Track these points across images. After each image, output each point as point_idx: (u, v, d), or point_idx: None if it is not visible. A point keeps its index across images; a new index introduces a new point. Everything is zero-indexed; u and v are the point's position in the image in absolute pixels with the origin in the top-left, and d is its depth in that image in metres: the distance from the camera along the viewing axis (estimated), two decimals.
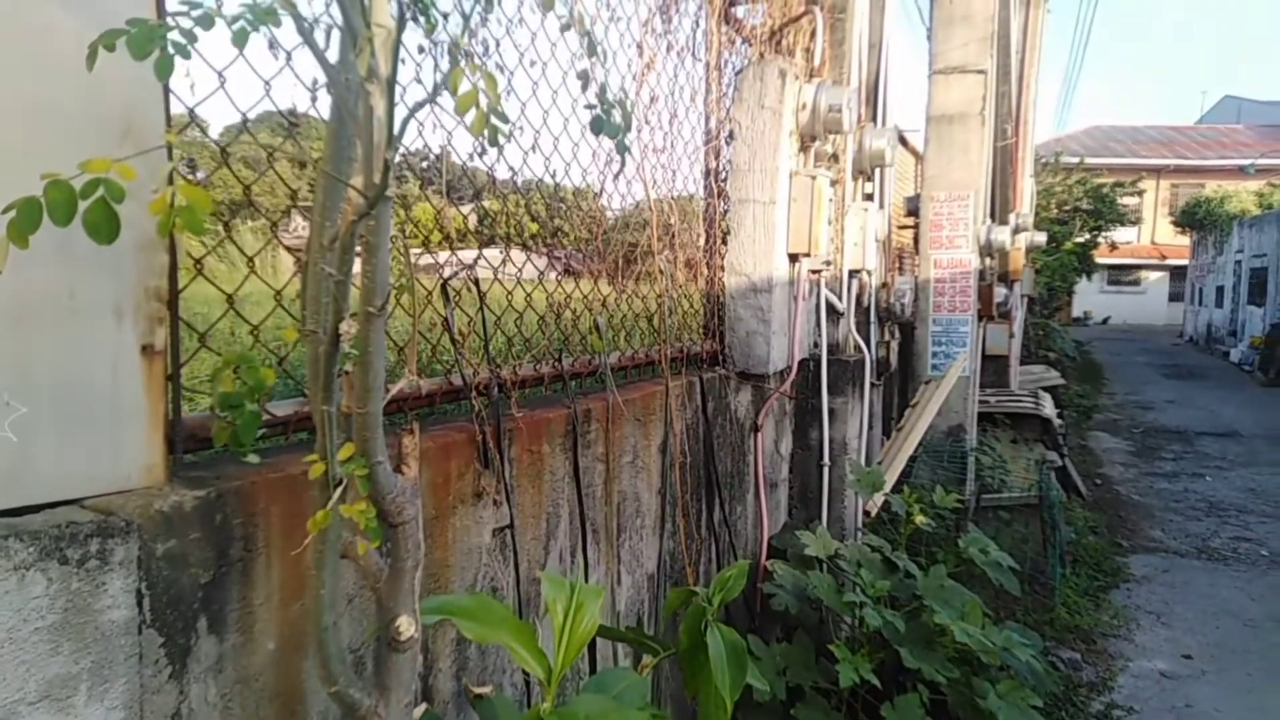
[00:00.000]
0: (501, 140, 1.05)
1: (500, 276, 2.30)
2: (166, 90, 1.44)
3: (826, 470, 4.24)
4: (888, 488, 4.46)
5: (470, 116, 0.99)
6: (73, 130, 1.27)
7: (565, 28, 1.49)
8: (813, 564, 3.44)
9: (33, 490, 1.24)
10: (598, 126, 1.25)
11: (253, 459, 1.12)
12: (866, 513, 4.72)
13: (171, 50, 0.85)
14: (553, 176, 2.45)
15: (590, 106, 1.29)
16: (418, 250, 2.31)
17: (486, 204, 2.57)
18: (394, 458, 1.23)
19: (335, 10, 0.91)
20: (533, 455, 2.32)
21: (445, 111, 1.96)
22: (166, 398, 1.43)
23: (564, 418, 2.44)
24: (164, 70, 0.87)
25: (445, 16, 1.16)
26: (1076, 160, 23.07)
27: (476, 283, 2.12)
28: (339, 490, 1.03)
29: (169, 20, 0.88)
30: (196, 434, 1.52)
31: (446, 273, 2.06)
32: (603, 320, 2.69)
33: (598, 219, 2.83)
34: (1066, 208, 21.70)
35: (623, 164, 1.46)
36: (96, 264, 1.33)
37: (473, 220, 2.55)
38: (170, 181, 0.93)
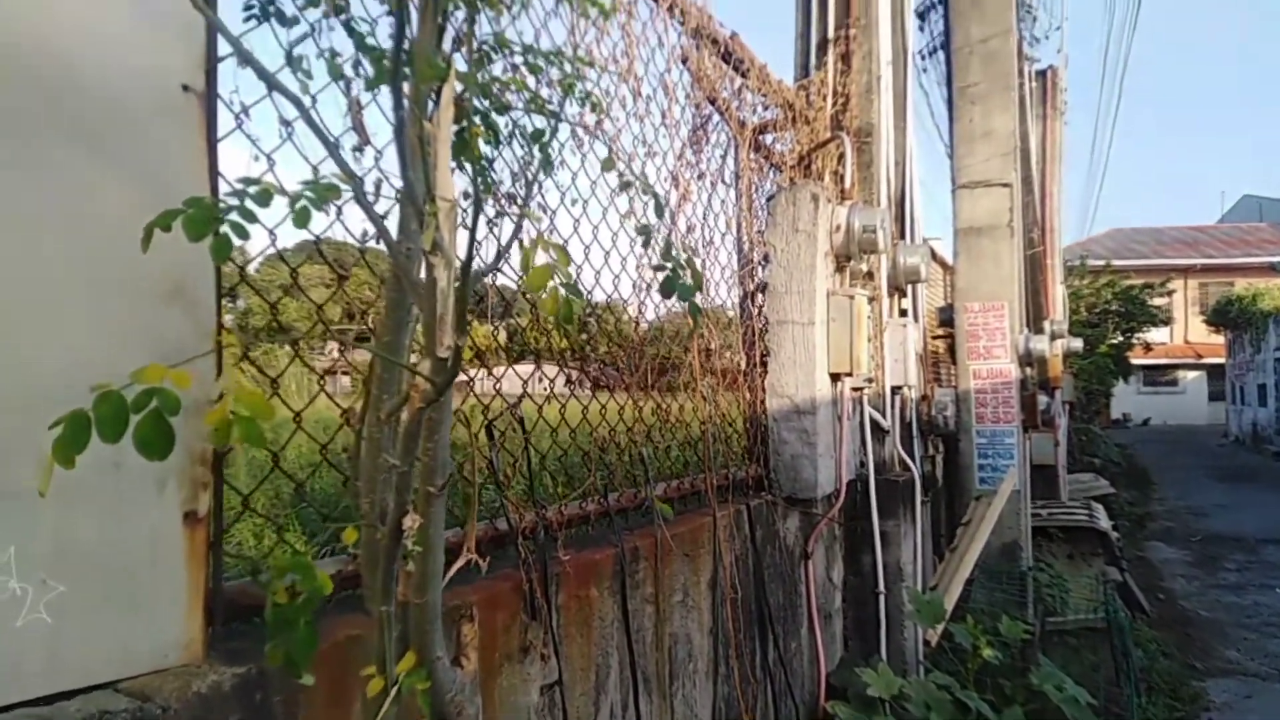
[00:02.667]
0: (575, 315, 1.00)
1: (542, 410, 2.25)
2: None
3: (882, 598, 4.03)
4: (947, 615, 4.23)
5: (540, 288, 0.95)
6: (120, 289, 1.25)
7: (625, 185, 1.47)
8: (876, 705, 3.21)
9: (67, 675, 1.16)
10: (669, 289, 1.21)
11: (308, 680, 1.03)
12: (926, 642, 4.46)
13: (227, 230, 0.82)
14: (594, 308, 2.43)
15: (659, 267, 1.25)
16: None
17: (519, 320, 2.55)
18: (451, 647, 1.14)
19: (391, 177, 0.89)
20: (581, 601, 2.20)
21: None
22: (208, 567, 1.36)
23: (611, 558, 2.33)
24: (221, 253, 0.84)
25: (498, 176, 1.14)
26: (1102, 263, 23.13)
27: (521, 421, 2.06)
28: (393, 694, 0.94)
29: (226, 200, 0.85)
30: (238, 601, 1.45)
31: (490, 411, 2.00)
32: (647, 451, 2.61)
33: (636, 340, 2.80)
34: (1096, 310, 21.62)
35: (696, 325, 1.41)
36: None
37: (503, 337, 2.53)
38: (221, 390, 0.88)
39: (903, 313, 4.78)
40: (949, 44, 7.41)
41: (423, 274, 0.90)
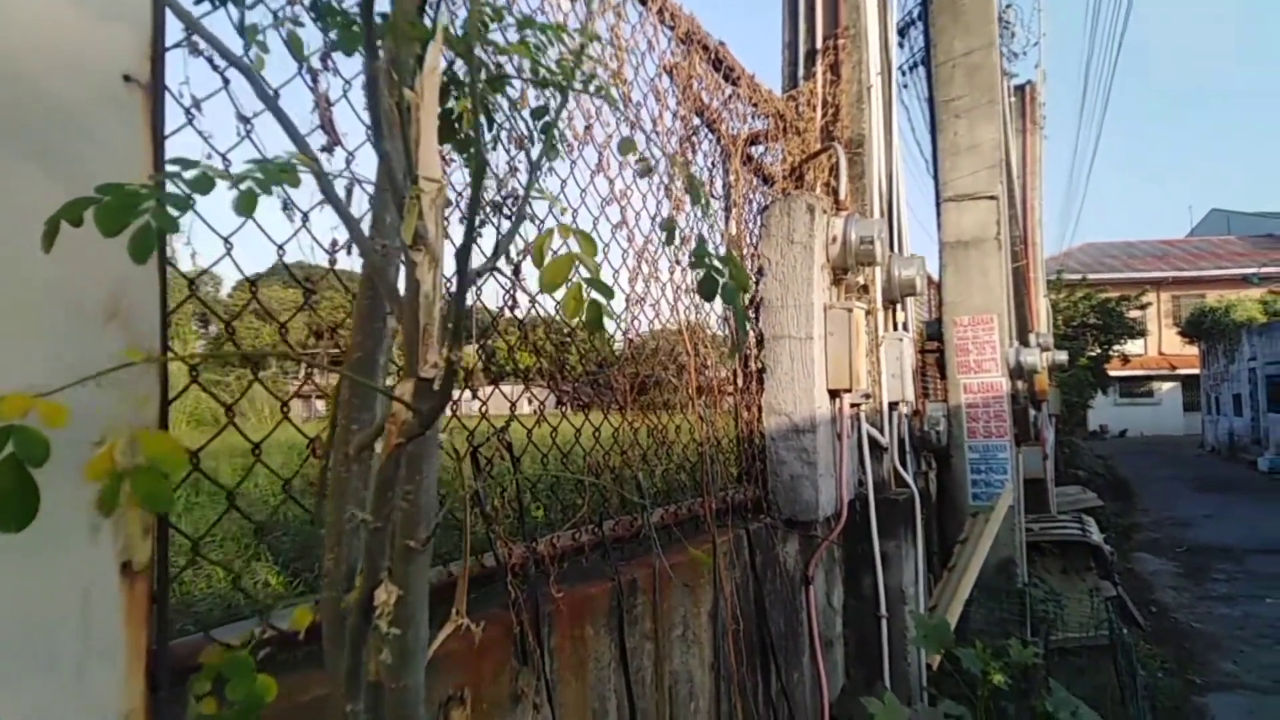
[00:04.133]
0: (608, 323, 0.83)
1: (531, 434, 2.08)
2: (163, 260, 1.26)
3: (885, 622, 3.87)
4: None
5: (560, 292, 0.78)
6: (47, 304, 1.08)
7: (647, 171, 1.31)
8: None
9: None
10: (710, 290, 1.04)
11: None
12: (929, 665, 4.30)
13: (154, 225, 0.65)
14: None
15: (694, 265, 1.08)
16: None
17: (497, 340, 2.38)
18: None
19: (365, 182, 0.73)
20: (575, 642, 2.02)
21: None
22: (150, 625, 1.18)
23: (608, 592, 2.16)
24: (142, 251, 0.67)
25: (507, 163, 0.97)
26: (1079, 277, 23.30)
27: (509, 447, 1.89)
28: None
29: (150, 188, 0.68)
30: (188, 662, 1.26)
31: (474, 436, 1.83)
32: (644, 476, 2.44)
33: (626, 357, 2.64)
34: (1074, 323, 21.73)
35: (743, 339, 1.24)
36: (70, 466, 1.11)
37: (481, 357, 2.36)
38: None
39: (897, 326, 4.65)
40: (930, 59, 7.36)
41: (402, 278, 0.73)
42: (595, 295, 0.80)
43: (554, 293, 0.77)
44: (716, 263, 0.99)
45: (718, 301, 3.02)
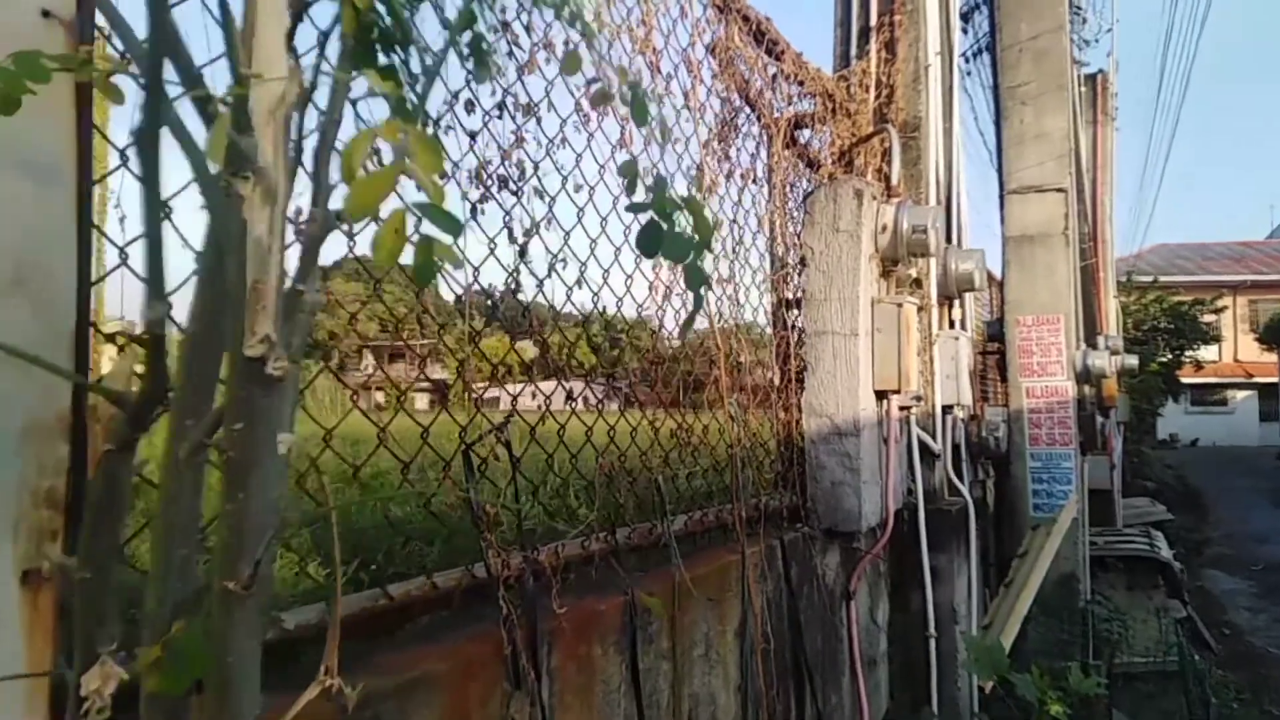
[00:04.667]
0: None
1: (535, 431, 1.89)
2: (86, 221, 1.10)
3: (933, 642, 3.60)
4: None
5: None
6: None
7: (604, 98, 1.11)
8: None
9: None
10: (651, 242, 0.83)
11: None
12: (981, 689, 4.02)
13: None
14: (601, 310, 2.07)
15: (637, 207, 0.87)
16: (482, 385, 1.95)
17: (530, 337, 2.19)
18: None
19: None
20: (580, 662, 1.83)
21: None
22: (57, 642, 1.02)
23: (619, 607, 1.96)
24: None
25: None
26: (1150, 279, 22.35)
27: (509, 445, 1.71)
28: None
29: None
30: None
31: (474, 431, 1.65)
32: (663, 479, 2.24)
33: (656, 354, 2.44)
34: (1145, 327, 20.85)
35: (697, 298, 1.02)
36: None
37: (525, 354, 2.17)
38: None
39: (952, 324, 4.36)
40: (995, 43, 7.00)
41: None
42: (436, 232, 0.58)
43: (362, 219, 0.57)
44: (676, 206, 0.78)
45: (753, 292, 2.80)
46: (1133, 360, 10.90)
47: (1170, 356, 20.71)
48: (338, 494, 1.74)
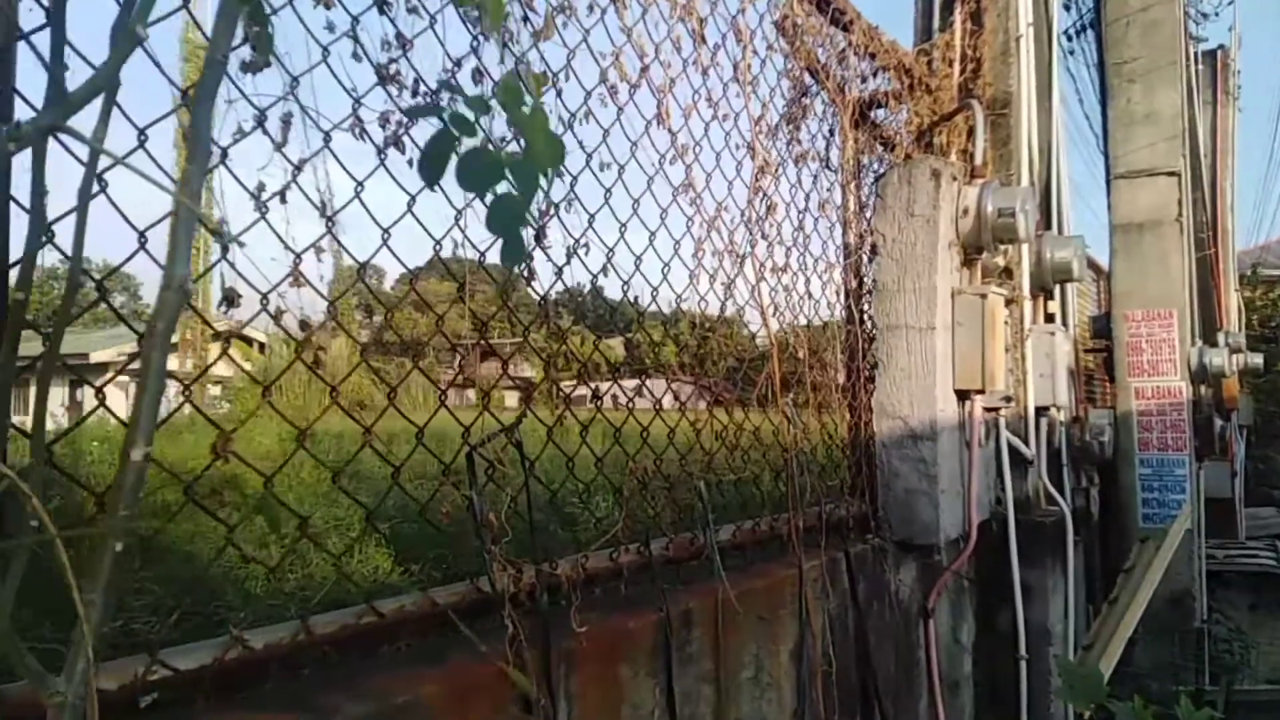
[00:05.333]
0: None
1: (552, 433, 1.74)
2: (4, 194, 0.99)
3: (1024, 665, 3.29)
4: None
5: None
6: None
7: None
8: None
9: None
10: (433, 163, 0.62)
11: None
12: (1079, 715, 3.66)
13: None
14: (634, 300, 1.90)
15: (414, 113, 0.66)
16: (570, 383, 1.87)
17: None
18: None
19: None
20: (604, 685, 1.67)
21: None
22: None
23: (652, 626, 1.78)
24: None
25: None
26: (1278, 273, 20.71)
27: (519, 445, 1.55)
28: None
29: None
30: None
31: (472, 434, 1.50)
32: (706, 485, 2.05)
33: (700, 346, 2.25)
34: (1273, 324, 19.34)
35: (514, 250, 0.81)
36: None
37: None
38: None
39: (1049, 318, 4.01)
40: (1100, 18, 6.52)
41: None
42: None
43: None
44: (480, 109, 0.59)
45: (813, 282, 2.57)
46: (1257, 359, 10.06)
47: None
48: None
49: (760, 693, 2.12)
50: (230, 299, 1.09)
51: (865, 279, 3.02)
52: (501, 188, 0.57)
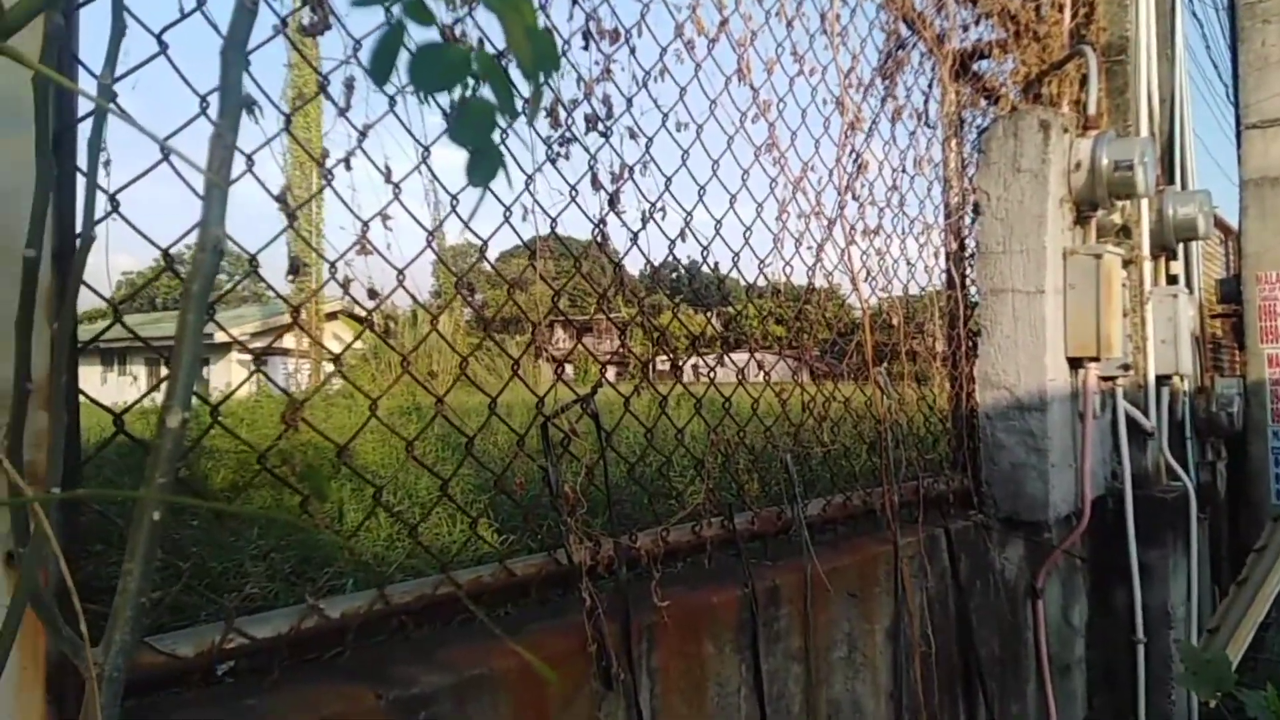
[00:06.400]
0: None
1: (629, 404, 1.69)
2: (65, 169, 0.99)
3: (1142, 649, 3.09)
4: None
5: None
6: None
7: None
8: None
9: None
10: (380, 60, 0.53)
11: None
12: (1204, 703, 3.43)
13: None
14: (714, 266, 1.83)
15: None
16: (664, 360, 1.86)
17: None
18: None
19: None
20: (687, 660, 1.62)
21: None
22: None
23: (735, 601, 1.73)
24: None
25: None
26: None
27: (595, 416, 1.52)
28: None
29: None
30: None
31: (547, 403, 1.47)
32: (793, 458, 1.97)
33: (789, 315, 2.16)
34: None
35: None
36: None
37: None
38: None
39: (1171, 279, 3.73)
40: None
41: None
42: None
43: None
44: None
45: (910, 244, 2.44)
46: None
47: None
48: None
49: (853, 672, 2.04)
50: (296, 268, 1.08)
51: (967, 241, 2.86)
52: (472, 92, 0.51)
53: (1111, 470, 3.20)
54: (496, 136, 0.55)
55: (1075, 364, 2.90)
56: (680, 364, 1.81)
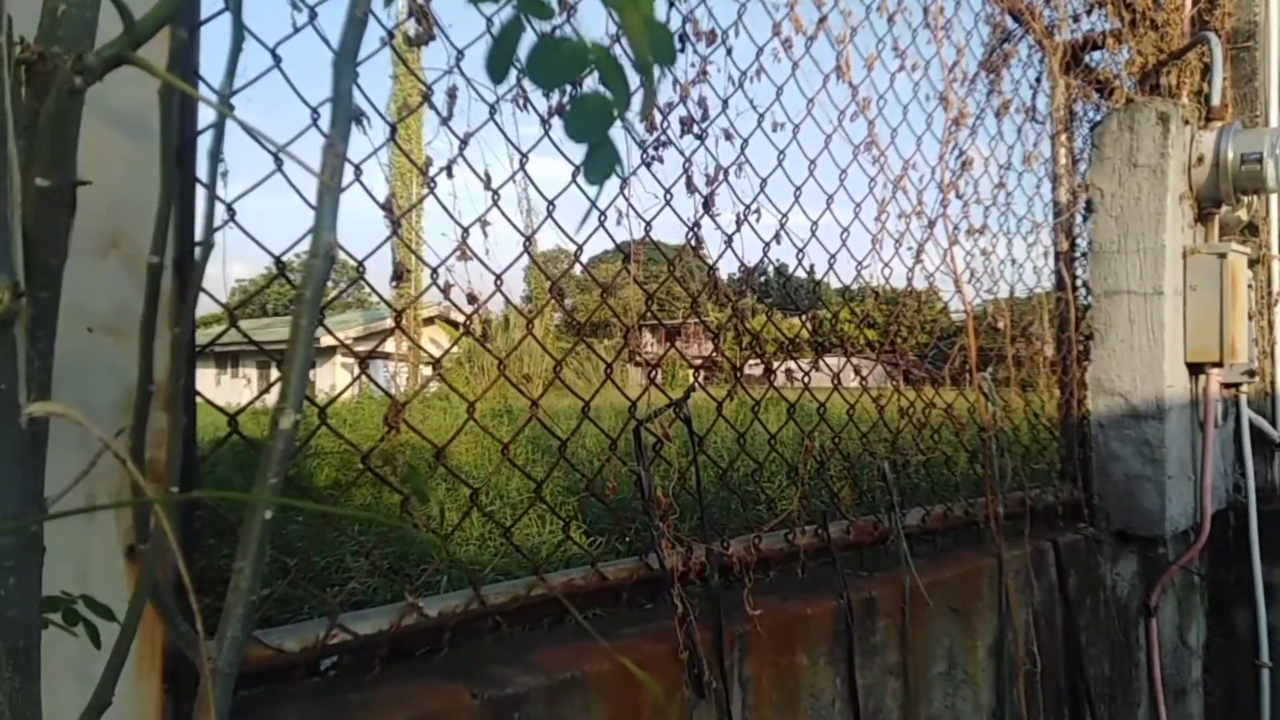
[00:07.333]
0: None
1: (721, 408, 1.67)
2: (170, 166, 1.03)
3: (1266, 673, 2.89)
4: None
5: None
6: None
7: None
8: None
9: None
10: (497, 57, 0.52)
11: None
12: None
13: None
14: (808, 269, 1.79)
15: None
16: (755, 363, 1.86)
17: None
18: None
19: None
20: (780, 672, 1.59)
21: None
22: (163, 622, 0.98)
23: (830, 613, 1.69)
24: None
25: None
26: None
27: (688, 420, 1.50)
28: None
29: None
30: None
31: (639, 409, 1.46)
32: (891, 466, 1.91)
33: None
34: None
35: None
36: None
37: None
38: None
39: None
40: None
41: None
42: None
43: None
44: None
45: (1018, 244, 2.34)
46: None
47: None
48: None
49: (954, 689, 1.97)
50: (400, 274, 1.10)
51: (1078, 240, 2.72)
52: (588, 85, 0.50)
53: (1234, 483, 3.00)
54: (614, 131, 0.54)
55: (1195, 370, 2.73)
56: (773, 368, 1.77)
